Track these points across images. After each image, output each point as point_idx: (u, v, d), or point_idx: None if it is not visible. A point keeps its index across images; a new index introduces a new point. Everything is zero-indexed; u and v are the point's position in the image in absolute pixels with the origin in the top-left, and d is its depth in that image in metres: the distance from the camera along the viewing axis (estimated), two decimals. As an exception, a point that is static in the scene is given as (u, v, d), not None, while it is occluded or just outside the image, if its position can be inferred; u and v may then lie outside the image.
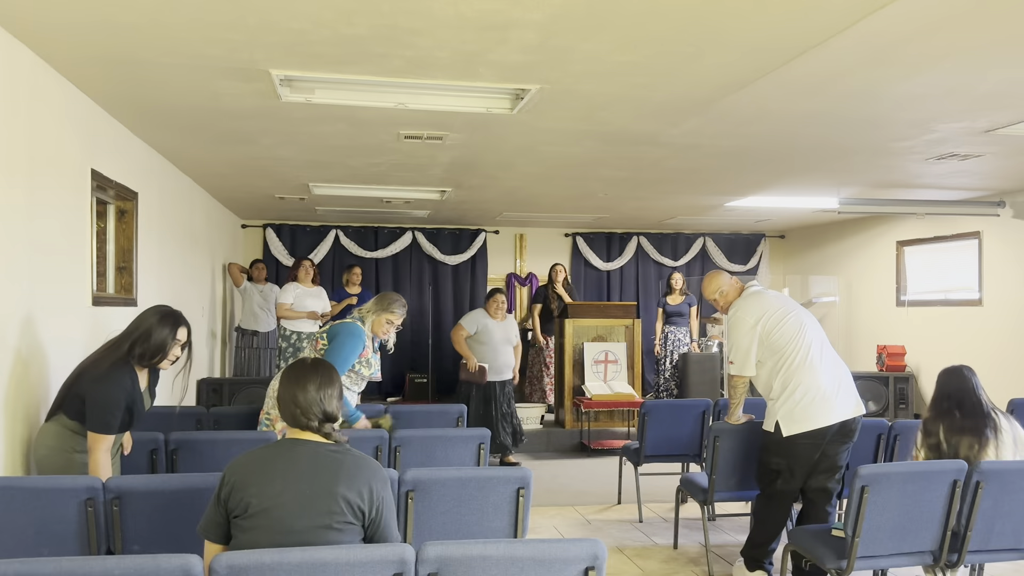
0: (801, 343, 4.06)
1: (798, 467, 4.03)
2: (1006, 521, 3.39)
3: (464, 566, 2.10)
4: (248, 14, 3.22)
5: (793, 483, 4.06)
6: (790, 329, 4.07)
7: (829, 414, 3.98)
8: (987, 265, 8.24)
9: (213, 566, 2.01)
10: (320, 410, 2.37)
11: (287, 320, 7.93)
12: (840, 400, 4.02)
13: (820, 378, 4.01)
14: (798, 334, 4.07)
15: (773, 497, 4.12)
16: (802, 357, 4.03)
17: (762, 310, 4.12)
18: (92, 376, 3.23)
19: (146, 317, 3.34)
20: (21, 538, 2.78)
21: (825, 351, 4.12)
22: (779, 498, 4.11)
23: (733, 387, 4.32)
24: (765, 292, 4.27)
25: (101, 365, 3.25)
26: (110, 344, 3.35)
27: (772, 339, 4.07)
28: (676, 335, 9.43)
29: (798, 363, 4.02)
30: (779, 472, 4.06)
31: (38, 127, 3.81)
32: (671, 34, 3.42)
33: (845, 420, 4.01)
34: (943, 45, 3.53)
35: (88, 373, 3.26)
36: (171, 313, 3.37)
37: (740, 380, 4.23)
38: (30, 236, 3.71)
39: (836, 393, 4.02)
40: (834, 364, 4.11)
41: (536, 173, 6.81)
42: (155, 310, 3.37)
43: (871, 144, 5.57)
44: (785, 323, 4.09)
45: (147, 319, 3.32)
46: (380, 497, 2.33)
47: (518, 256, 11.22)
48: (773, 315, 4.10)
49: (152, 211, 5.81)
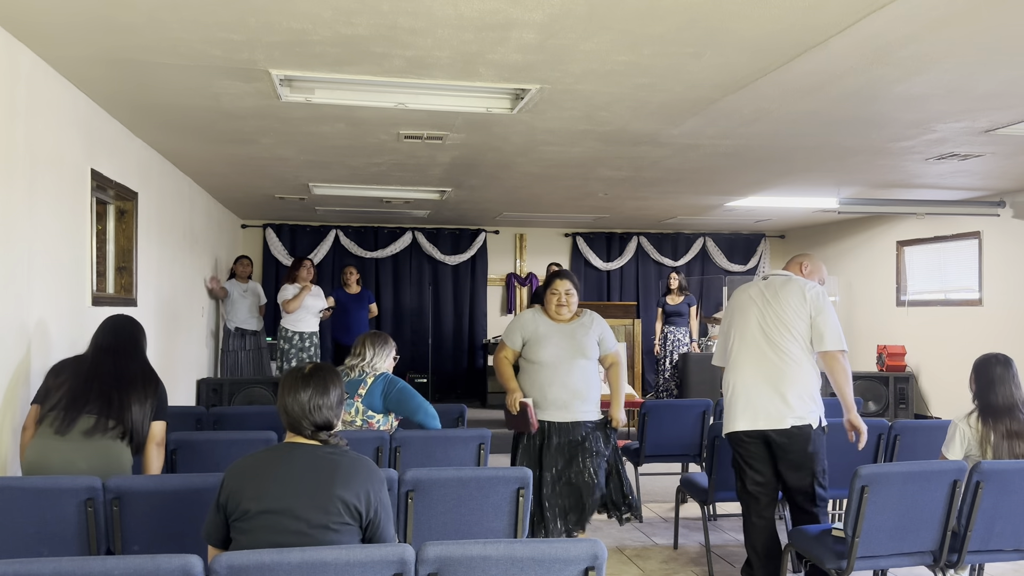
0: (734, 337, 3.97)
1: (747, 466, 3.92)
2: (1006, 521, 3.39)
3: (464, 566, 2.10)
4: (248, 14, 3.22)
5: (749, 485, 3.93)
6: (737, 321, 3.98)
7: (736, 420, 3.89)
8: (987, 265, 8.24)
9: (213, 566, 2.01)
10: (310, 422, 2.38)
11: (288, 321, 7.92)
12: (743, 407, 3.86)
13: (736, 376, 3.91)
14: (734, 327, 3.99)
15: (740, 499, 4.05)
16: (735, 353, 3.96)
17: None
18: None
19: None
20: (21, 538, 2.78)
21: (761, 348, 3.88)
22: (742, 499, 4.02)
23: (845, 372, 3.81)
24: (740, 289, 4.17)
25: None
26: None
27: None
28: (675, 335, 9.43)
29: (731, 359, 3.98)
30: (736, 471, 4.02)
31: (38, 127, 3.81)
32: (671, 34, 3.42)
33: (749, 430, 3.85)
34: (943, 45, 3.53)
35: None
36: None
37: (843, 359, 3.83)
38: (30, 236, 3.71)
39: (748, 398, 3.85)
40: (761, 363, 3.87)
41: (536, 173, 6.80)
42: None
43: (871, 144, 5.57)
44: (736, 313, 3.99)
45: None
46: (377, 499, 2.34)
47: (518, 256, 11.22)
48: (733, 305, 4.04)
49: (152, 211, 5.81)
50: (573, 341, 4.18)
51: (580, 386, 4.14)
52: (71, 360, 3.43)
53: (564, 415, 4.12)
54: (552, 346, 4.16)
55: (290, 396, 2.39)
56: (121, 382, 3.32)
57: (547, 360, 4.14)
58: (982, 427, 3.61)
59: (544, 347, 4.16)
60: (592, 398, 4.20)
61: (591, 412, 4.19)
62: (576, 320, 4.28)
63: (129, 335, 3.51)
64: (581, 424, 4.14)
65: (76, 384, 3.28)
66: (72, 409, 3.22)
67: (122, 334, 3.50)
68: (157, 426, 3.39)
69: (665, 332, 9.48)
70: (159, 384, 3.45)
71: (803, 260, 4.16)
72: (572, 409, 4.13)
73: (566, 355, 4.15)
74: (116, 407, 3.26)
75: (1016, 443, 3.55)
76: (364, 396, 3.94)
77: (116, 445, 3.24)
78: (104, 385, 3.28)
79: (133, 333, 3.54)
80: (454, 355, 10.92)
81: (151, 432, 3.37)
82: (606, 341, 4.30)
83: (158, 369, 3.56)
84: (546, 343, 4.17)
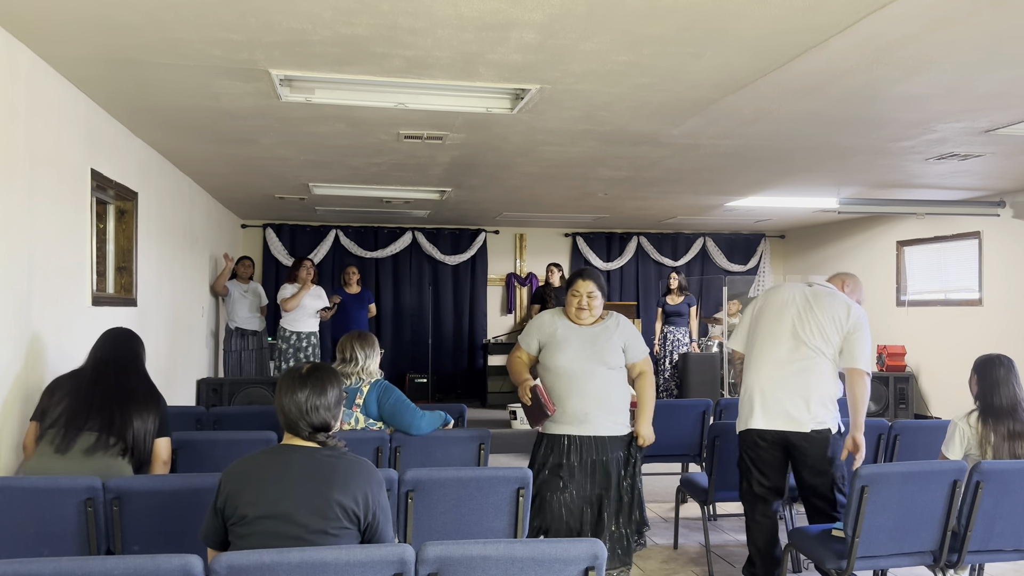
0: (762, 332, 3.98)
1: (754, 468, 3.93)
2: (1006, 521, 3.39)
3: (464, 566, 2.10)
4: (248, 14, 3.22)
5: (755, 487, 3.94)
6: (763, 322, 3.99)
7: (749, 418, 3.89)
8: (987, 265, 8.24)
9: (213, 566, 2.01)
10: (307, 423, 2.36)
11: (287, 321, 7.92)
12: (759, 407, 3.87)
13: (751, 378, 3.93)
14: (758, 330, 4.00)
15: (743, 499, 4.04)
16: (760, 349, 3.96)
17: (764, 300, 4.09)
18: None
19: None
20: (21, 538, 2.78)
21: (791, 349, 3.89)
22: (745, 500, 4.01)
23: (865, 392, 3.83)
24: (780, 286, 4.18)
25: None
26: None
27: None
28: (675, 335, 9.43)
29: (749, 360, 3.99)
30: (742, 472, 4.00)
31: (38, 127, 3.81)
32: (671, 34, 3.42)
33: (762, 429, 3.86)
34: (943, 45, 3.53)
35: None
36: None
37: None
38: (30, 236, 3.71)
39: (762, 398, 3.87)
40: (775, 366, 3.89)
41: (536, 173, 6.80)
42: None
43: (871, 144, 5.57)
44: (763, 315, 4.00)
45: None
46: (375, 501, 2.32)
47: (518, 256, 11.22)
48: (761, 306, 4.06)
49: (152, 211, 5.81)
50: (594, 347, 3.73)
51: (602, 395, 3.70)
52: (68, 375, 3.34)
53: (585, 428, 3.68)
54: (570, 351, 3.72)
55: (287, 397, 2.37)
56: (122, 398, 3.23)
57: (564, 367, 3.71)
58: (983, 427, 3.61)
59: (561, 352, 3.73)
60: (617, 408, 3.75)
61: (616, 425, 3.73)
62: (600, 324, 3.82)
63: (129, 349, 3.44)
64: (605, 440, 3.69)
65: (75, 401, 3.19)
66: (72, 427, 3.13)
67: (122, 348, 3.41)
68: (162, 443, 3.31)
69: (665, 332, 9.48)
70: (160, 399, 3.37)
71: (845, 279, 4.21)
72: (593, 422, 3.68)
73: (585, 362, 3.69)
74: (118, 424, 3.17)
75: (1017, 444, 3.55)
76: (363, 405, 3.92)
77: (117, 462, 3.16)
78: (104, 401, 3.19)
79: (133, 347, 3.45)
80: (454, 355, 10.92)
81: (156, 450, 3.29)
82: (632, 348, 3.82)
83: (158, 369, 3.56)
84: (564, 348, 3.73)
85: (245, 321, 8.28)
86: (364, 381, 3.95)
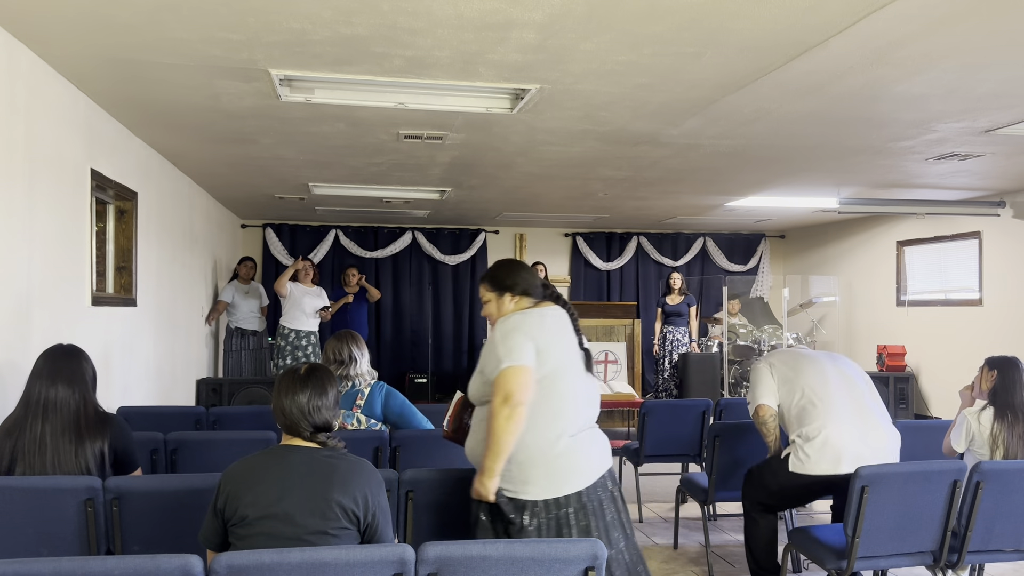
0: (816, 385, 3.80)
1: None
2: (1006, 521, 3.39)
3: (464, 566, 2.10)
4: (248, 14, 3.22)
5: (775, 506, 3.90)
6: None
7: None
8: (987, 265, 8.24)
9: (213, 566, 2.00)
10: (310, 423, 2.35)
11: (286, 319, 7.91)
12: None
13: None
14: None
15: (748, 505, 3.95)
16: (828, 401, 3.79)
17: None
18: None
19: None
20: (21, 538, 2.77)
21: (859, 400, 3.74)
22: (753, 507, 3.93)
23: None
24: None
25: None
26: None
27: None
28: (675, 335, 9.43)
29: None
30: (761, 489, 3.89)
31: (38, 127, 3.81)
32: (671, 34, 3.42)
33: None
34: (943, 45, 3.53)
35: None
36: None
37: None
38: (29, 236, 3.71)
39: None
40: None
41: (536, 173, 6.80)
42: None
43: (871, 144, 5.57)
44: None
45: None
46: (375, 502, 2.32)
47: (518, 256, 11.21)
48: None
49: (151, 211, 5.81)
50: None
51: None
52: (9, 418, 2.90)
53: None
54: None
55: (288, 398, 2.36)
56: (72, 429, 2.85)
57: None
58: (998, 425, 3.66)
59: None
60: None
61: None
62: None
63: (71, 371, 2.93)
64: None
65: (24, 442, 2.82)
66: (27, 472, 2.80)
67: (63, 371, 2.91)
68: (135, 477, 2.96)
69: (664, 332, 9.48)
70: (114, 424, 2.95)
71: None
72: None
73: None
74: (71, 459, 2.83)
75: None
76: (363, 407, 3.94)
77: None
78: (53, 438, 2.82)
79: (75, 367, 2.95)
80: (454, 355, 10.92)
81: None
82: (485, 367, 2.71)
83: (158, 369, 3.55)
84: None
85: (246, 322, 8.29)
86: (363, 382, 3.96)
